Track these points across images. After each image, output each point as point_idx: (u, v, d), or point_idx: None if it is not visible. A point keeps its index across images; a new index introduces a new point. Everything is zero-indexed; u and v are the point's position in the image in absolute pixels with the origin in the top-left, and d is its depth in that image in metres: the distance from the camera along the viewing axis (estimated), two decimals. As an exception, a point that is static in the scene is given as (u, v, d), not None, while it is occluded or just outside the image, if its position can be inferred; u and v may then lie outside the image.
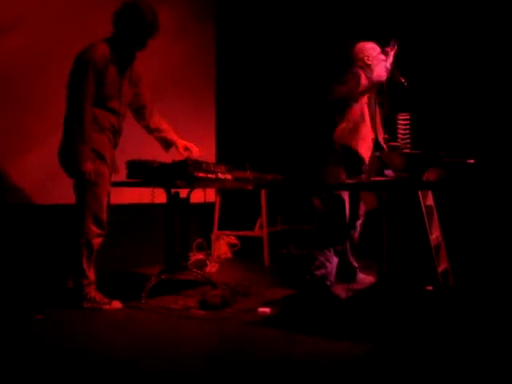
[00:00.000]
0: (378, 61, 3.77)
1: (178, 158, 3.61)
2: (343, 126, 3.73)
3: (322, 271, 3.74)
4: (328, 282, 3.75)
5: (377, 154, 3.74)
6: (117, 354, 2.53)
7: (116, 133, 3.45)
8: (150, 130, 3.76)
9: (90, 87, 3.21)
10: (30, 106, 4.02)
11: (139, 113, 3.70)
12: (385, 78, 3.74)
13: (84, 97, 3.20)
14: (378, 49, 3.82)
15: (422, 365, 2.38)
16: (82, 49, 3.29)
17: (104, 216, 3.35)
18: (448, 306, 3.34)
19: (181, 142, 3.79)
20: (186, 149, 3.78)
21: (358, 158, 3.75)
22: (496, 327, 2.90)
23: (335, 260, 3.78)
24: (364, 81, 3.73)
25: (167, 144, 3.79)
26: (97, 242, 3.33)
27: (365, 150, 3.77)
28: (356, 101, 3.70)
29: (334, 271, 3.79)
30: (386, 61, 3.74)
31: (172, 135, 3.78)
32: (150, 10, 3.31)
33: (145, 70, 4.88)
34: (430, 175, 3.18)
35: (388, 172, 3.33)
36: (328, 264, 3.74)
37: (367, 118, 3.79)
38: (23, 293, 3.58)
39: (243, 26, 6.10)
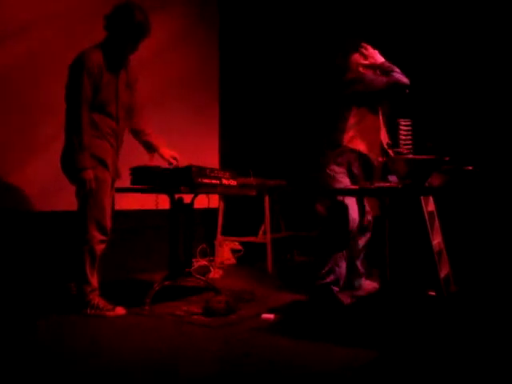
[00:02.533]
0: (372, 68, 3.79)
1: (181, 164, 3.62)
2: (353, 132, 3.73)
3: (332, 277, 3.73)
4: (337, 288, 3.74)
5: (380, 159, 3.74)
6: (120, 361, 2.53)
7: (117, 137, 3.46)
8: (135, 132, 3.70)
9: (85, 94, 3.23)
10: (34, 113, 4.05)
11: (128, 114, 3.62)
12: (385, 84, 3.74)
13: (81, 104, 3.21)
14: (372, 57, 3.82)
15: (428, 372, 2.37)
16: (74, 57, 3.30)
17: (107, 222, 3.35)
18: (451, 312, 3.34)
19: (166, 151, 3.73)
20: (173, 157, 3.72)
21: (368, 161, 3.76)
22: (498, 331, 2.90)
23: (344, 265, 3.78)
24: None
25: (151, 148, 3.71)
26: (100, 248, 3.34)
27: (374, 151, 3.78)
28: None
29: (343, 276, 3.78)
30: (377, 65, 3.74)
31: (157, 140, 3.72)
32: (141, 11, 3.33)
33: (148, 75, 4.93)
34: (432, 181, 3.19)
35: (392, 178, 3.34)
36: (337, 269, 3.73)
37: (377, 124, 3.80)
38: (27, 299, 3.59)
39: (246, 32, 6.11)
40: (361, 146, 3.74)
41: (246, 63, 6.15)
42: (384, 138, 3.85)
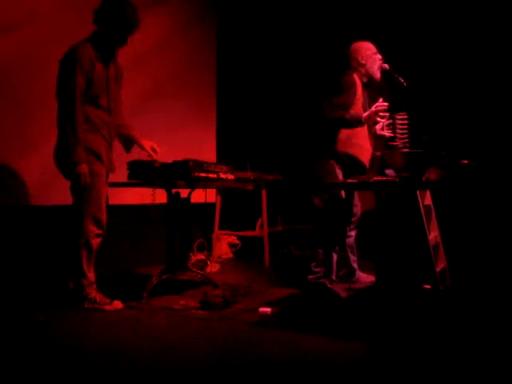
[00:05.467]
0: (372, 60, 3.79)
1: (179, 158, 3.62)
2: (342, 133, 3.75)
3: (324, 270, 3.76)
4: (329, 281, 3.77)
5: (378, 153, 3.75)
6: (117, 354, 2.54)
7: (110, 129, 3.44)
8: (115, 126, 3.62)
9: (79, 88, 3.22)
10: (29, 107, 4.03)
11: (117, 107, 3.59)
12: (379, 76, 3.77)
13: (74, 98, 3.20)
14: (372, 48, 3.83)
15: (422, 364, 2.39)
16: (65, 51, 3.29)
17: (102, 216, 3.35)
18: (447, 306, 3.35)
19: (145, 142, 3.67)
20: (152, 148, 3.67)
21: (360, 164, 3.77)
22: (494, 326, 2.91)
23: (335, 259, 3.80)
24: (359, 88, 3.76)
25: (129, 141, 3.65)
26: (96, 242, 3.34)
27: (365, 156, 3.80)
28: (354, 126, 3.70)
29: (334, 269, 3.81)
30: (380, 60, 3.76)
31: (135, 133, 3.67)
32: (130, 5, 3.32)
33: (146, 70, 4.93)
34: (429, 175, 3.19)
35: (389, 171, 3.34)
36: (328, 263, 3.76)
37: (364, 133, 3.81)
38: (24, 294, 3.60)
39: (244, 28, 6.11)
40: (352, 149, 3.76)
41: (243, 58, 6.14)
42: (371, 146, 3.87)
